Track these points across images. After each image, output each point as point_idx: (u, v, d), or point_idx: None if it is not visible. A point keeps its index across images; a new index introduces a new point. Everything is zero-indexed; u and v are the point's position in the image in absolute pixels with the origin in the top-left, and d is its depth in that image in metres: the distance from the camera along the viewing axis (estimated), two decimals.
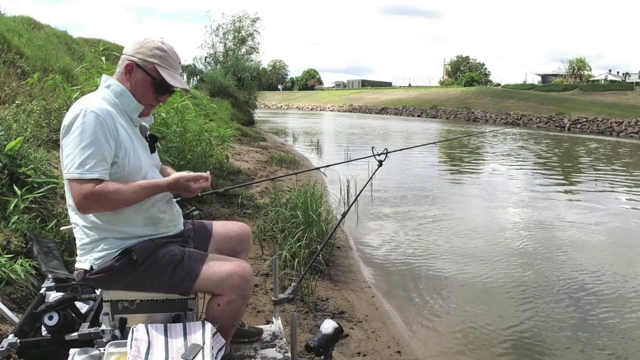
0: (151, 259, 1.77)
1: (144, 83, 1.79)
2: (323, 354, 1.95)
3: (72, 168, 1.62)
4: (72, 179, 1.62)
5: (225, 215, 5.48)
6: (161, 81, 1.79)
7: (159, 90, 1.82)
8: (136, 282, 1.77)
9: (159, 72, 1.78)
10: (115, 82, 1.79)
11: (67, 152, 1.64)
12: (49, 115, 4.83)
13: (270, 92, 78.42)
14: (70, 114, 1.66)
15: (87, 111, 1.64)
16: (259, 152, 12.11)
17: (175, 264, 1.79)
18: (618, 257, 5.71)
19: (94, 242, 1.75)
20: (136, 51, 1.78)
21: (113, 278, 1.75)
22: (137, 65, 1.77)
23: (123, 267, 1.74)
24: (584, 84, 52.04)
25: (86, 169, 1.61)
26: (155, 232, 1.84)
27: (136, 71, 1.78)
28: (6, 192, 3.07)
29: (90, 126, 1.63)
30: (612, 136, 30.23)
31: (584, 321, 4.03)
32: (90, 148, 1.62)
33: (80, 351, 1.67)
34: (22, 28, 8.50)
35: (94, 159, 1.62)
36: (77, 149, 1.61)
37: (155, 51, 1.78)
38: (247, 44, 30.01)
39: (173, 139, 5.31)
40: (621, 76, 59.49)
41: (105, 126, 1.65)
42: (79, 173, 1.61)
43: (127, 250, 1.75)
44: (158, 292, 1.81)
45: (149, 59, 1.77)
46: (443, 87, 75.07)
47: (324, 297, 3.91)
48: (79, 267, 1.80)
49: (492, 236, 6.44)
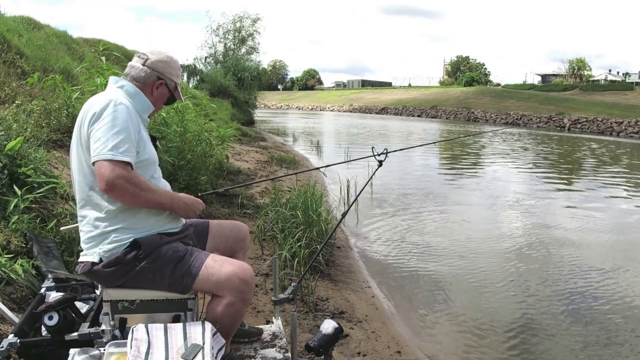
0: (155, 253, 1.80)
1: (163, 98, 2.02)
2: (323, 354, 1.94)
3: (104, 150, 1.68)
4: (105, 159, 1.68)
5: (225, 215, 5.48)
6: (175, 97, 2.05)
7: (167, 103, 2.07)
8: (139, 276, 1.78)
9: (177, 90, 2.04)
10: (129, 83, 1.92)
11: (98, 136, 1.71)
12: (49, 115, 4.83)
13: (270, 92, 78.42)
14: (100, 104, 1.76)
15: (117, 102, 1.77)
16: (259, 152, 12.11)
17: (177, 260, 1.81)
18: (619, 258, 5.71)
19: (104, 233, 1.78)
20: (167, 71, 1.98)
21: (118, 272, 1.77)
22: (165, 83, 1.98)
23: (129, 260, 1.76)
24: (584, 84, 52.03)
25: (119, 151, 1.69)
26: (162, 223, 1.88)
27: (162, 87, 1.99)
28: (6, 192, 3.07)
29: (121, 115, 1.75)
30: (612, 136, 30.23)
31: (585, 322, 4.03)
32: (122, 134, 1.72)
33: (80, 351, 1.67)
34: (22, 28, 8.49)
35: (126, 144, 1.71)
36: (110, 134, 1.70)
37: (178, 72, 2.04)
38: (247, 44, 29.98)
39: (173, 139, 5.31)
40: (621, 76, 59.46)
41: (132, 117, 1.79)
42: (112, 154, 1.68)
43: (135, 242, 1.78)
44: (159, 289, 1.82)
45: (174, 78, 2.01)
46: (443, 87, 75.06)
47: (324, 297, 3.91)
48: (85, 260, 1.81)
49: (492, 236, 6.44)
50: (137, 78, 1.93)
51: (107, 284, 1.82)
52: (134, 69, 1.94)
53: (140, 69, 1.93)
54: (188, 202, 1.93)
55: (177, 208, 1.91)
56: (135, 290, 1.82)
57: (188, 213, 1.95)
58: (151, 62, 1.94)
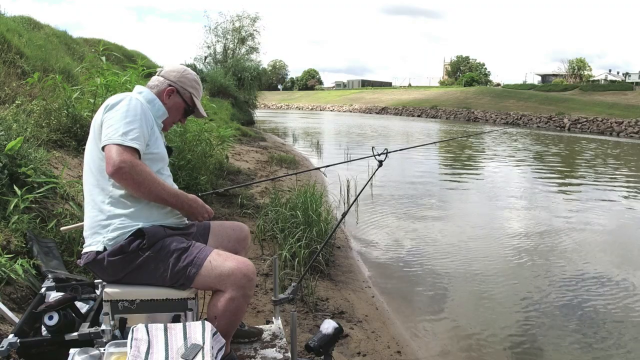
0: (159, 244, 1.83)
1: (178, 107, 2.10)
2: (323, 354, 1.94)
3: (115, 135, 1.77)
4: (114, 143, 1.75)
5: (225, 215, 5.48)
6: (193, 108, 2.14)
7: (185, 114, 2.16)
8: (142, 266, 1.80)
9: (194, 100, 2.13)
10: (147, 90, 2.06)
11: (111, 123, 1.80)
12: (49, 115, 4.83)
13: (270, 92, 78.42)
14: (116, 97, 1.88)
15: (132, 97, 1.89)
16: (259, 152, 12.11)
17: (181, 251, 1.84)
18: (620, 259, 5.71)
19: (109, 218, 1.81)
20: (178, 79, 2.09)
21: (122, 261, 1.78)
22: (178, 91, 2.08)
23: (133, 249, 1.79)
24: (584, 84, 52.03)
25: (129, 138, 1.78)
26: (166, 217, 1.92)
27: (175, 96, 2.08)
28: (6, 192, 3.07)
29: (135, 108, 1.86)
30: (612, 136, 30.23)
31: (585, 322, 4.03)
32: (134, 124, 1.81)
33: (80, 351, 1.67)
34: (22, 28, 8.49)
35: (136, 133, 1.80)
36: (122, 122, 1.80)
37: (193, 83, 2.13)
38: (247, 43, 30.01)
39: (173, 139, 5.31)
40: (621, 76, 59.45)
41: (146, 113, 1.90)
42: (121, 139, 1.76)
43: (139, 231, 1.81)
44: (161, 283, 1.82)
45: (188, 88, 2.11)
46: (443, 87, 75.06)
47: (324, 297, 3.91)
48: (88, 250, 1.83)
49: (492, 236, 6.44)
50: (152, 86, 2.09)
51: (109, 276, 1.83)
52: (152, 80, 2.12)
53: (156, 78, 2.11)
54: (194, 206, 1.96)
55: (180, 207, 1.94)
56: (136, 288, 1.82)
57: (191, 216, 2.00)
58: (164, 72, 2.11)
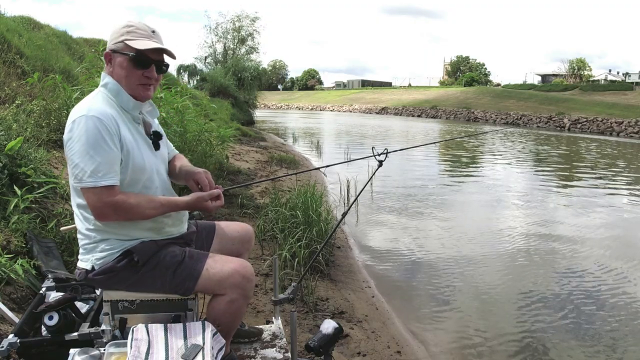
0: (152, 260, 1.77)
1: (122, 64, 1.75)
2: (323, 354, 1.94)
3: (84, 177, 1.62)
4: (87, 187, 1.63)
5: (225, 216, 5.47)
6: (136, 53, 1.73)
7: (140, 65, 1.75)
8: (137, 283, 1.77)
9: (130, 45, 1.73)
10: (111, 79, 1.78)
11: (76, 162, 1.63)
12: (49, 115, 4.83)
13: (270, 92, 78.39)
14: (72, 118, 1.66)
15: (88, 116, 1.63)
16: (259, 152, 12.10)
17: (176, 265, 1.79)
18: (622, 259, 5.70)
19: (95, 242, 1.75)
20: (110, 41, 1.78)
21: (114, 279, 1.75)
22: (114, 51, 1.76)
23: (124, 268, 1.74)
24: (584, 84, 52.01)
25: (99, 176, 1.61)
26: (157, 235, 1.84)
27: (114, 57, 1.76)
28: (6, 192, 3.07)
29: (93, 132, 1.62)
30: (612, 136, 30.22)
31: (585, 322, 4.02)
32: (98, 155, 1.62)
33: (80, 351, 1.67)
34: (22, 28, 8.49)
35: (105, 166, 1.62)
36: (86, 157, 1.61)
37: (122, 30, 1.76)
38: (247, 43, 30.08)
39: (173, 139, 5.31)
40: (621, 76, 59.44)
41: (108, 130, 1.64)
42: (92, 182, 1.61)
43: (128, 252, 1.75)
44: (160, 292, 1.81)
45: (119, 39, 1.75)
46: (443, 87, 75.03)
47: (324, 297, 3.91)
48: (80, 267, 1.80)
49: (492, 236, 6.44)
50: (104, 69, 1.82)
51: (105, 288, 1.82)
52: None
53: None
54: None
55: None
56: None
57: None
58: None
